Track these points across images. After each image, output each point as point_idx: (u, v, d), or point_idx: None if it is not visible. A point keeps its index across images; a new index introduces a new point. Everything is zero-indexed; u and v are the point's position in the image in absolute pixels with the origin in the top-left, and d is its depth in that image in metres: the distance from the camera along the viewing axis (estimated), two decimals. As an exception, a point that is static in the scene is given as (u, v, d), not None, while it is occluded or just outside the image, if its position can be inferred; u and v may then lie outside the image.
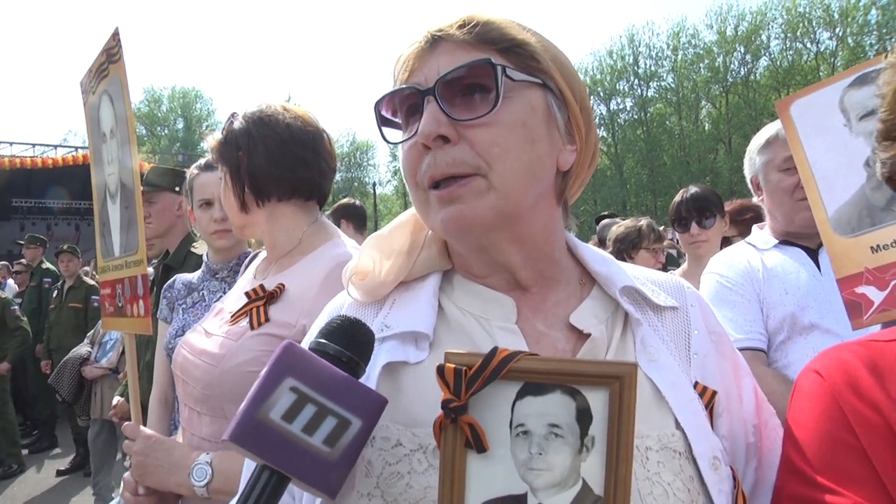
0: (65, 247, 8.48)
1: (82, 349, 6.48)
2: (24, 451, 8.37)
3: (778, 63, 46.45)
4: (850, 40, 42.20)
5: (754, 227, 2.55)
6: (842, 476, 0.84)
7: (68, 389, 6.27)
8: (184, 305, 2.59)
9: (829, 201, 1.70)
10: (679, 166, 46.76)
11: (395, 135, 0.99)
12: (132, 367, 1.94)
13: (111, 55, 1.96)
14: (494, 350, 0.75)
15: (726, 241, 3.94)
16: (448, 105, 0.90)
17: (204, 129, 59.47)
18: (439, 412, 0.82)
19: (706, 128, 48.96)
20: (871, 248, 1.60)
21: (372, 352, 0.87)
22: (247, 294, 1.70)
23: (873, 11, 41.68)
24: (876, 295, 1.56)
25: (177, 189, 3.58)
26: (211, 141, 1.85)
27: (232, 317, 1.70)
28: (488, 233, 0.93)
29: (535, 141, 0.92)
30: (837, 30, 43.81)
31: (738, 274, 2.34)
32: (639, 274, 1.06)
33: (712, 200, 3.58)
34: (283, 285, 1.67)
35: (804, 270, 2.23)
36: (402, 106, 0.97)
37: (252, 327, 1.61)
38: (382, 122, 0.99)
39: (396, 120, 0.99)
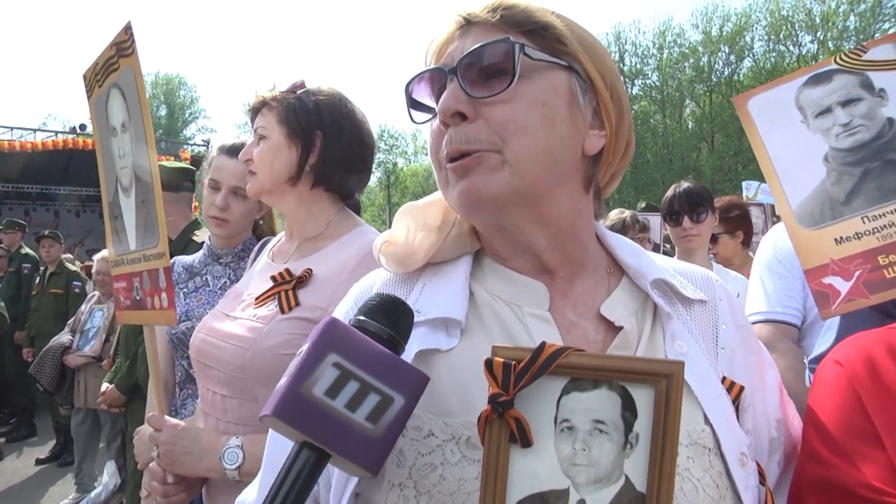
0: (46, 232, 8.37)
1: (63, 337, 6.41)
2: (2, 440, 8.27)
3: (761, 64, 46.89)
4: (830, 44, 42.74)
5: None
6: (856, 458, 0.90)
7: (50, 379, 6.20)
8: (185, 290, 2.57)
9: (792, 195, 1.76)
10: (662, 164, 47.06)
11: (420, 118, 1.00)
12: (153, 359, 1.93)
13: (122, 49, 1.93)
14: (543, 345, 0.74)
15: (713, 237, 4.01)
16: (468, 83, 0.90)
17: (187, 116, 58.98)
18: (475, 400, 0.83)
19: (690, 126, 49.35)
20: (836, 239, 1.66)
21: (411, 329, 0.86)
22: (272, 278, 1.69)
23: (852, 18, 42.34)
24: (842, 285, 1.62)
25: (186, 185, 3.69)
26: (276, 93, 1.81)
27: (257, 300, 1.69)
28: (503, 210, 0.93)
29: (555, 121, 0.91)
30: (819, 34, 44.36)
31: (790, 250, 2.44)
32: (667, 265, 1.05)
33: (704, 196, 3.64)
34: (310, 270, 1.67)
35: None
36: (433, 88, 0.97)
37: (283, 311, 1.61)
38: (412, 104, 1.00)
39: (427, 103, 0.99)
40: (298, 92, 1.79)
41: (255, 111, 1.84)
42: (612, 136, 0.99)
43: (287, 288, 1.64)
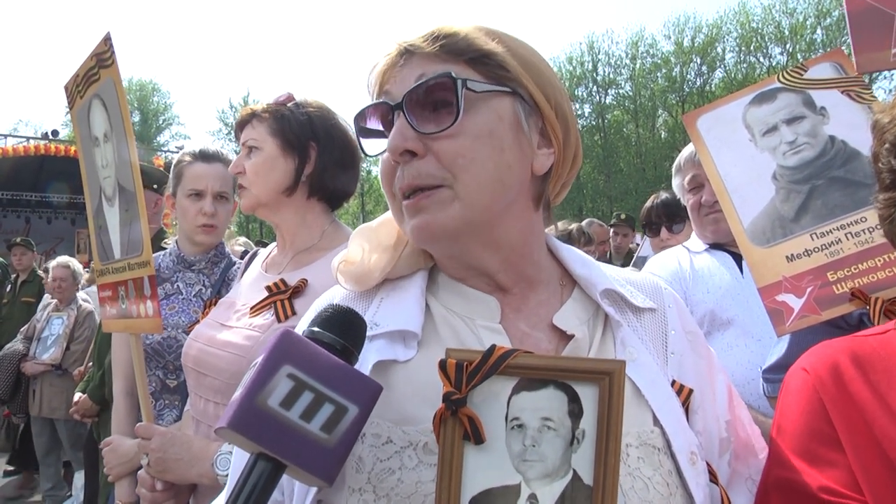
0: (18, 240, 8.25)
1: (18, 345, 6.32)
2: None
3: (732, 75, 47.64)
4: (799, 56, 43.60)
5: (693, 233, 2.76)
6: (819, 462, 0.95)
7: (4, 387, 6.10)
8: None
9: (744, 213, 1.79)
10: (635, 173, 47.46)
11: (372, 146, 1.03)
12: (140, 367, 1.94)
13: (102, 60, 1.96)
14: (493, 347, 0.79)
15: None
16: (416, 119, 0.93)
17: (161, 122, 58.24)
18: (432, 408, 0.85)
19: (662, 136, 49.79)
20: (787, 257, 1.70)
21: (364, 340, 0.88)
22: (267, 288, 1.73)
23: (819, 31, 43.32)
24: (795, 302, 1.65)
25: (154, 187, 3.59)
26: (267, 105, 1.85)
27: (252, 310, 1.72)
28: (457, 240, 0.97)
29: (502, 149, 0.94)
30: (788, 46, 45.25)
31: (668, 273, 2.55)
32: (618, 276, 1.09)
33: (681, 206, 3.74)
34: (305, 280, 1.71)
35: (727, 273, 2.41)
36: (383, 118, 1.00)
37: (279, 320, 1.65)
38: (362, 133, 1.02)
39: (377, 128, 1.01)
40: (288, 104, 1.83)
41: (243, 124, 1.86)
42: (560, 153, 1.03)
43: (283, 298, 1.68)
